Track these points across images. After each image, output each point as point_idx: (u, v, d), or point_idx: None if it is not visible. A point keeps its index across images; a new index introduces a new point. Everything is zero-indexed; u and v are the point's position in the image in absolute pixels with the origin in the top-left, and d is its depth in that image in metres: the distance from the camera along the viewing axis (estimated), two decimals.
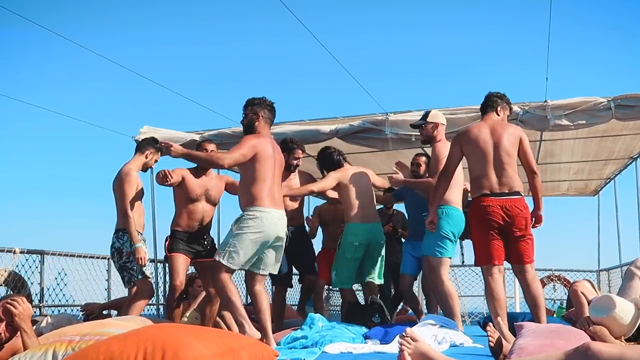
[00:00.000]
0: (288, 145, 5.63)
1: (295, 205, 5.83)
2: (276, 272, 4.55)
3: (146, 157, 5.11)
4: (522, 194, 4.47)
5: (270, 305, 4.51)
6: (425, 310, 6.25)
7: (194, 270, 5.93)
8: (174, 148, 4.37)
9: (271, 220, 4.28)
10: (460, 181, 5.07)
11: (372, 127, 6.03)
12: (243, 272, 4.67)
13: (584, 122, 5.60)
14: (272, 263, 4.47)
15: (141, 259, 4.81)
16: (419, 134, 5.41)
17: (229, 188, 5.40)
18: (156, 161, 5.22)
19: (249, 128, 4.47)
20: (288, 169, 5.54)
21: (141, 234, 5.00)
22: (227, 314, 5.28)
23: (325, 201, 6.66)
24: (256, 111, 4.46)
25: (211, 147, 5.42)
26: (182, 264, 5.12)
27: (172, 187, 5.17)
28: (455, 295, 4.98)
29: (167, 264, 5.42)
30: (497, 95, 4.73)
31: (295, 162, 5.70)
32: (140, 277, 4.84)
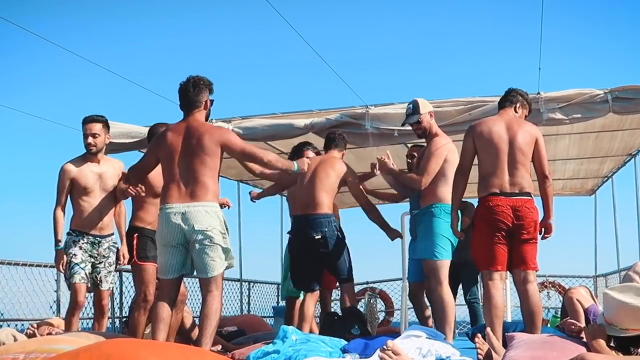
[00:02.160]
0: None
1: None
2: (206, 275, 4.25)
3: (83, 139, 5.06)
4: (533, 195, 4.53)
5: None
6: (416, 320, 6.28)
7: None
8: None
9: (165, 218, 4.21)
10: (450, 176, 5.10)
11: (351, 121, 6.03)
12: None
13: (580, 115, 5.66)
14: (203, 265, 4.24)
15: (60, 264, 4.83)
16: (408, 128, 5.41)
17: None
18: (90, 135, 5.06)
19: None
20: None
21: (91, 236, 4.98)
22: (189, 323, 5.27)
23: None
24: None
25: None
26: (154, 275, 4.94)
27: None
28: (452, 303, 5.01)
29: (134, 272, 5.25)
30: (519, 92, 4.78)
31: None
32: (69, 281, 4.84)
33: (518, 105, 4.75)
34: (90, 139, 5.06)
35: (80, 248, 4.99)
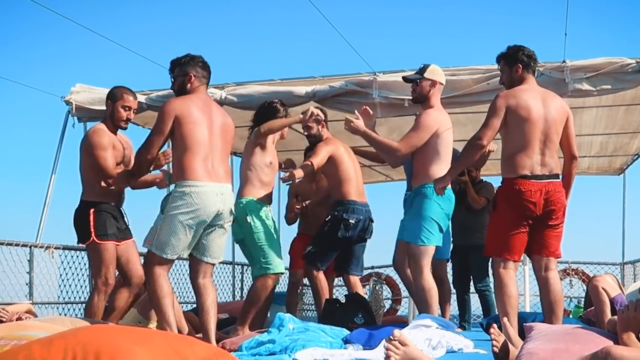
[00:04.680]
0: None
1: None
2: (214, 260, 4.51)
3: None
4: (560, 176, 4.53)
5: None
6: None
7: None
8: None
9: (205, 196, 4.26)
10: (449, 152, 5.10)
11: (357, 90, 6.01)
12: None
13: (609, 87, 5.65)
14: (217, 248, 4.49)
15: None
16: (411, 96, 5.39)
17: None
18: None
19: (181, 93, 4.48)
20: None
21: None
22: (179, 311, 5.27)
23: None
24: (186, 71, 4.47)
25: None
26: (114, 254, 4.96)
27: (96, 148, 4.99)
28: (436, 292, 5.06)
29: (91, 253, 5.13)
30: (534, 55, 4.66)
31: (314, 131, 5.72)
32: None
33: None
34: None
35: None
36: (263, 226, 5.18)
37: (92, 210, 4.96)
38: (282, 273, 5.38)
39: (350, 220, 5.60)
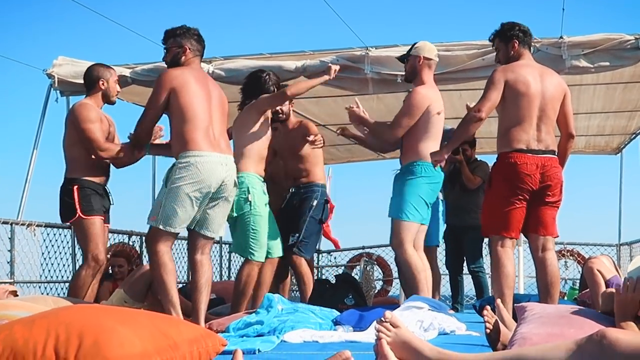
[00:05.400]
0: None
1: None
2: (214, 235, 4.54)
3: None
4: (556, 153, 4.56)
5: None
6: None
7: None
8: None
9: (210, 166, 4.28)
10: (440, 129, 5.11)
11: (349, 65, 5.96)
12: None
13: (607, 64, 5.64)
14: (219, 222, 4.52)
15: None
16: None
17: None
18: None
19: (174, 65, 4.47)
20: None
21: None
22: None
23: None
24: (181, 43, 4.48)
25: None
26: (102, 229, 5.03)
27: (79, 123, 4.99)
28: (422, 266, 5.02)
29: (78, 229, 5.11)
30: (528, 29, 4.72)
31: (285, 108, 5.62)
32: None
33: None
34: None
35: None
36: (262, 209, 5.11)
37: (75, 187, 4.97)
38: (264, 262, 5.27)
39: (327, 205, 5.71)
